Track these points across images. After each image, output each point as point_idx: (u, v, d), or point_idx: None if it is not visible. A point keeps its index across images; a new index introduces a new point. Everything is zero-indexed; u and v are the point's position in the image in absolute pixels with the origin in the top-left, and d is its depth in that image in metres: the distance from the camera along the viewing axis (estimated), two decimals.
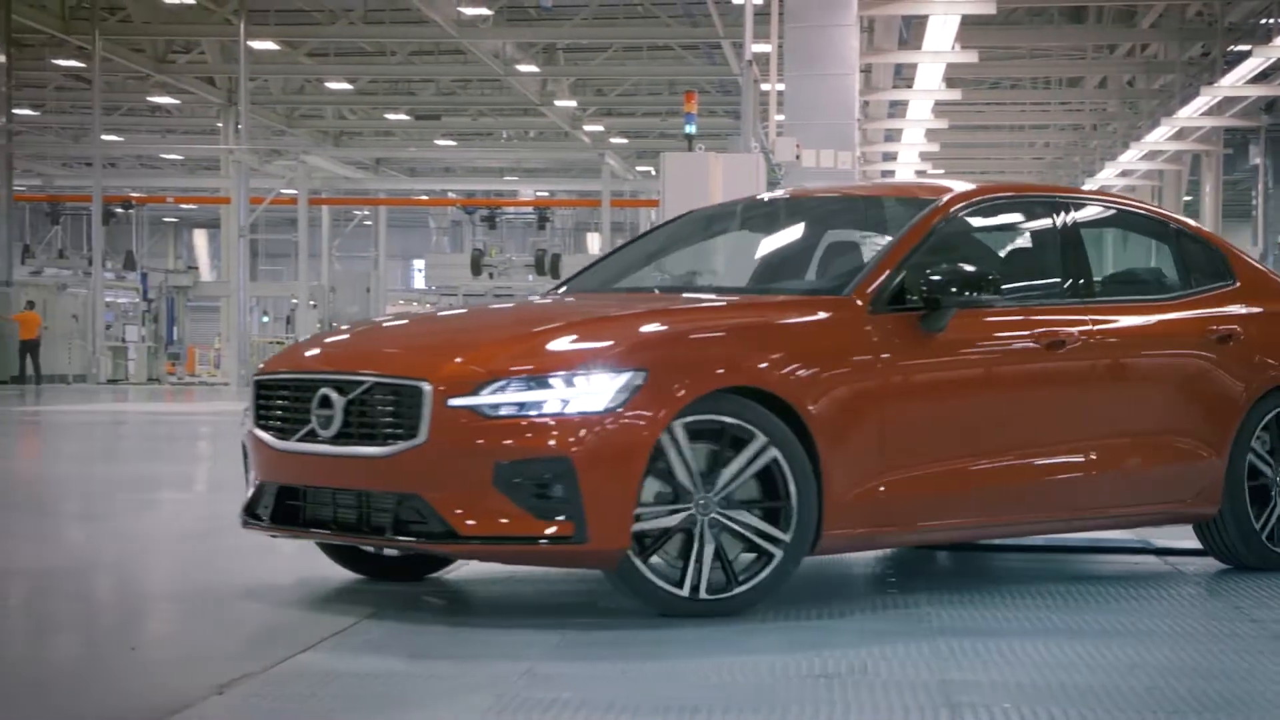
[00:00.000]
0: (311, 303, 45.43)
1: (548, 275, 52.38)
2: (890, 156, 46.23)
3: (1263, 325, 7.41)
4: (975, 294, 6.43)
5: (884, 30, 29.68)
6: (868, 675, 4.99)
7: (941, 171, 53.23)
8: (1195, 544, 7.45)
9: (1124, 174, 48.78)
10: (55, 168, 56.43)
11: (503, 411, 5.79)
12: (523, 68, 40.07)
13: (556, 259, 53.23)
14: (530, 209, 60.23)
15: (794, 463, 5.96)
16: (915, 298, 6.40)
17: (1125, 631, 5.76)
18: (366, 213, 61.58)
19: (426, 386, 5.79)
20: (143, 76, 41.51)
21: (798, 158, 18.06)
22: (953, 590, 6.71)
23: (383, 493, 5.84)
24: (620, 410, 5.77)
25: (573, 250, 61.69)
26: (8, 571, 7.23)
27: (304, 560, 7.08)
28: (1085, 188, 39.17)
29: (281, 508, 6.12)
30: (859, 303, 6.41)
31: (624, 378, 5.82)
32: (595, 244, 58.32)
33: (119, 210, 49.76)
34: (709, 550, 5.83)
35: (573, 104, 45.64)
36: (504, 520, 5.74)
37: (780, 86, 21.09)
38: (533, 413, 5.77)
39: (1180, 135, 39.66)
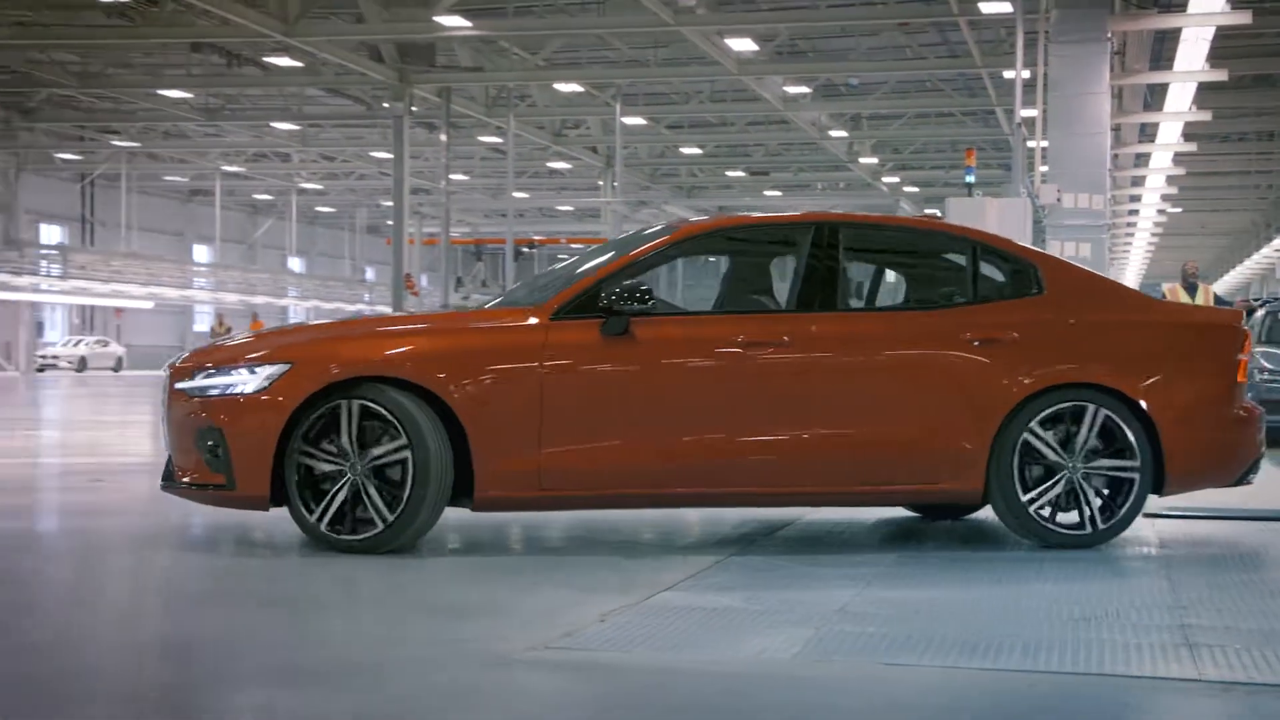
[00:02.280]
0: None
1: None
2: (1136, 198, 44.59)
3: (1045, 331, 6.54)
4: (641, 305, 6.23)
5: (1130, 96, 29.00)
6: (1119, 619, 4.78)
7: (1179, 209, 50.99)
8: None
9: None
10: (479, 218, 58.43)
11: (195, 393, 6.29)
12: (834, 133, 39.88)
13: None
14: None
15: (417, 444, 6.03)
16: (599, 308, 6.30)
17: None
18: None
19: (167, 373, 6.51)
20: (543, 147, 42.64)
21: (1059, 200, 17.59)
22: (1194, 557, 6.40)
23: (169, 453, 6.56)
24: (261, 393, 6.12)
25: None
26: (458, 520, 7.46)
27: (660, 514, 7.13)
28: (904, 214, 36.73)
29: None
30: (546, 313, 6.36)
31: (267, 370, 6.16)
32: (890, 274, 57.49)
33: (525, 249, 51.22)
34: (349, 500, 6.10)
35: (874, 160, 45.18)
36: (195, 473, 6.31)
37: (1044, 143, 20.70)
38: (212, 394, 6.23)
39: None
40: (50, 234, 52.24)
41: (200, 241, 58.63)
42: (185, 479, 6.35)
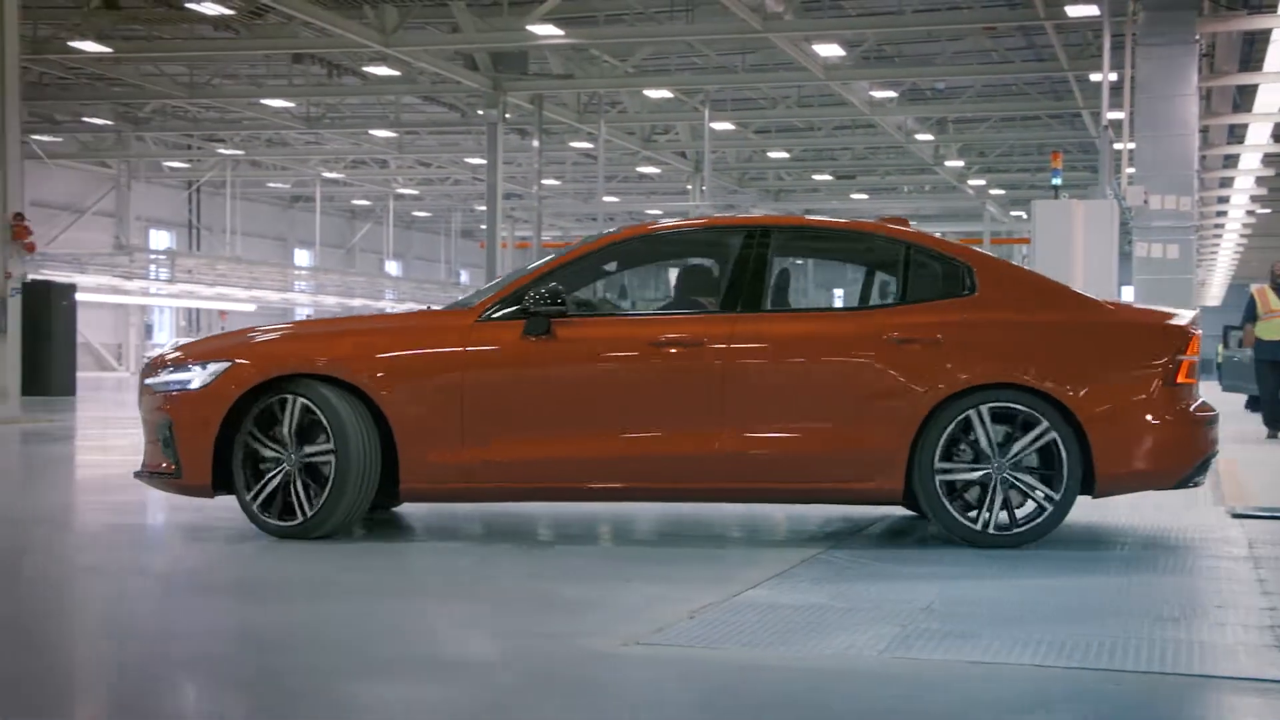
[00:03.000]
0: None
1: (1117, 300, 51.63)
2: (1224, 200, 43.73)
3: (970, 331, 6.39)
4: (558, 307, 6.38)
5: (1219, 97, 28.45)
6: (1208, 618, 4.72)
7: (1268, 210, 49.92)
8: None
9: None
10: (570, 222, 58.71)
11: (157, 388, 6.64)
12: (920, 136, 39.56)
13: None
14: None
15: (342, 435, 6.30)
16: (522, 310, 6.45)
17: None
18: None
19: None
20: (633, 153, 42.73)
21: (1146, 202, 17.30)
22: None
23: None
24: (205, 388, 6.48)
25: None
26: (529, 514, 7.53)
27: (751, 511, 7.13)
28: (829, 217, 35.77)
29: None
30: (474, 315, 6.55)
31: (212, 367, 6.51)
32: None
33: None
34: (293, 489, 6.39)
35: (960, 163, 44.74)
36: (153, 462, 6.68)
37: (1131, 146, 20.39)
38: (172, 389, 6.57)
39: None
40: (159, 239, 53.27)
41: (301, 246, 59.47)
42: (147, 468, 6.75)
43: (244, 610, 5.03)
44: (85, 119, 41.45)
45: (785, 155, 45.20)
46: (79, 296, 27.04)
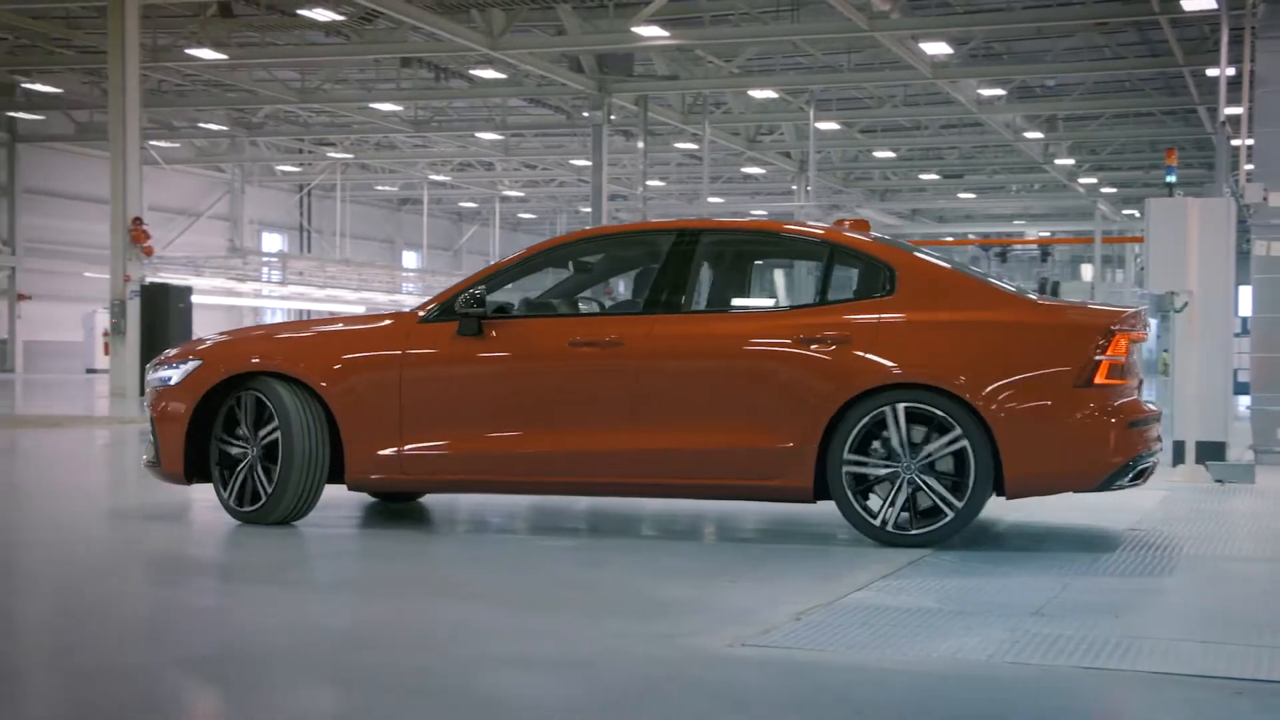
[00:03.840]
0: None
1: (1048, 298, 50.68)
2: None
3: (883, 331, 6.38)
4: (480, 309, 6.71)
5: None
6: None
7: None
8: None
9: None
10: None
11: (152, 384, 7.24)
12: (1029, 134, 39.01)
13: (1056, 285, 51.38)
14: (1035, 246, 58.37)
15: (288, 428, 6.79)
16: (455, 313, 6.80)
17: None
18: None
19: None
20: (738, 153, 42.67)
21: (1265, 199, 16.91)
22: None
23: None
24: (178, 385, 7.08)
25: (1070, 278, 59.43)
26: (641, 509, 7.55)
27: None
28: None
29: None
30: (414, 318, 6.97)
31: (185, 366, 7.10)
32: (1088, 273, 55.92)
33: None
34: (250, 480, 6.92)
35: (1070, 162, 44.04)
36: (147, 454, 7.27)
37: (1249, 142, 19.92)
38: (157, 385, 7.19)
39: None
40: (271, 242, 54.27)
41: (409, 248, 60.22)
42: (144, 458, 7.38)
43: (358, 608, 5.11)
44: (201, 125, 42.36)
45: (891, 154, 44.85)
46: (194, 298, 27.62)
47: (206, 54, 29.00)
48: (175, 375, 7.13)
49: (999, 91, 33.80)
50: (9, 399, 23.79)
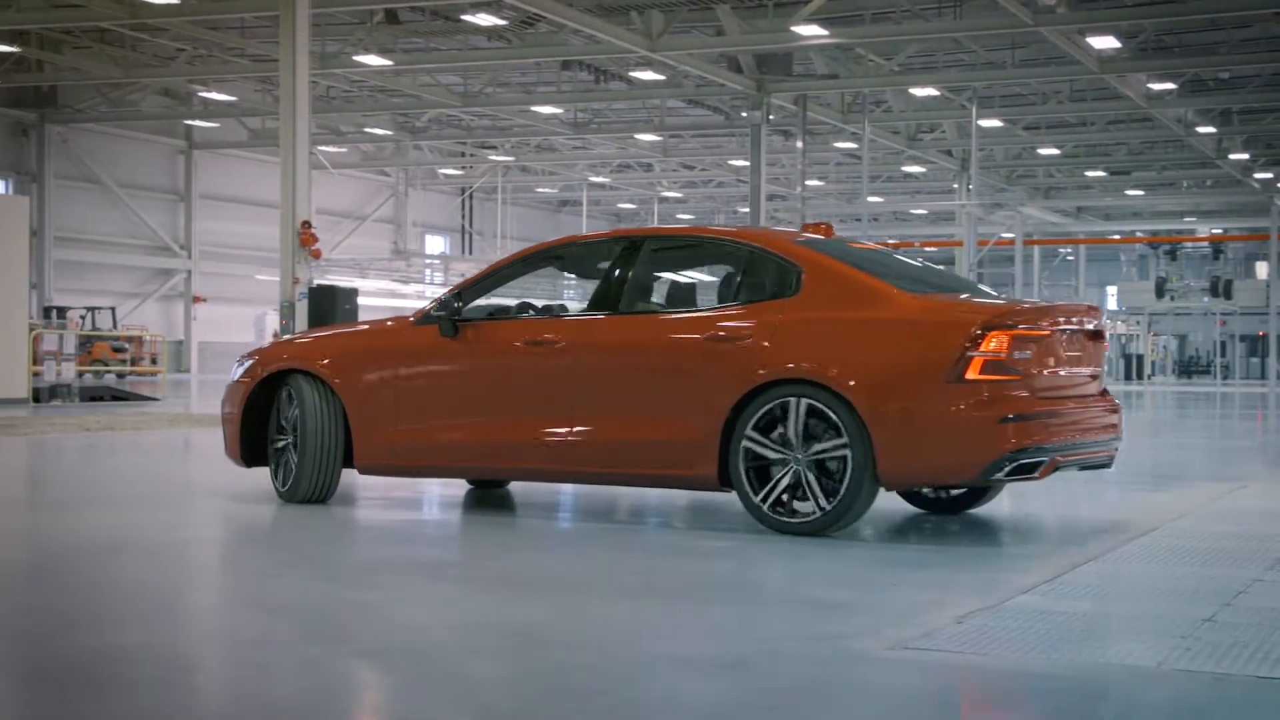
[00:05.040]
0: None
1: (1220, 297, 49.06)
2: None
3: (781, 329, 6.73)
4: (451, 313, 7.46)
5: None
6: None
7: None
8: None
9: None
10: (834, 223, 58.28)
11: (230, 380, 8.22)
12: (1201, 129, 37.83)
13: (1229, 284, 49.79)
14: (1206, 243, 56.62)
15: (305, 417, 7.70)
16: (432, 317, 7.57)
17: None
18: (1069, 250, 59.92)
19: None
20: (898, 151, 42.22)
21: None
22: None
23: None
24: (237, 382, 8.10)
25: (1243, 276, 57.52)
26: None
27: (1014, 517, 6.94)
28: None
29: None
30: (410, 321, 7.75)
31: (247, 364, 8.11)
32: (1263, 271, 54.12)
33: None
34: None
35: (1244, 156, 42.55)
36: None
37: None
38: (230, 381, 8.20)
39: None
40: (434, 244, 55.35)
41: None
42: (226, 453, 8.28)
43: (512, 607, 5.19)
44: (367, 129, 43.38)
45: (1056, 152, 43.93)
46: (360, 300, 28.28)
47: (373, 60, 29.70)
48: (237, 373, 8.14)
49: (1170, 85, 32.81)
50: (185, 398, 24.68)
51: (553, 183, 54.40)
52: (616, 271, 7.33)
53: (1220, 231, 55.62)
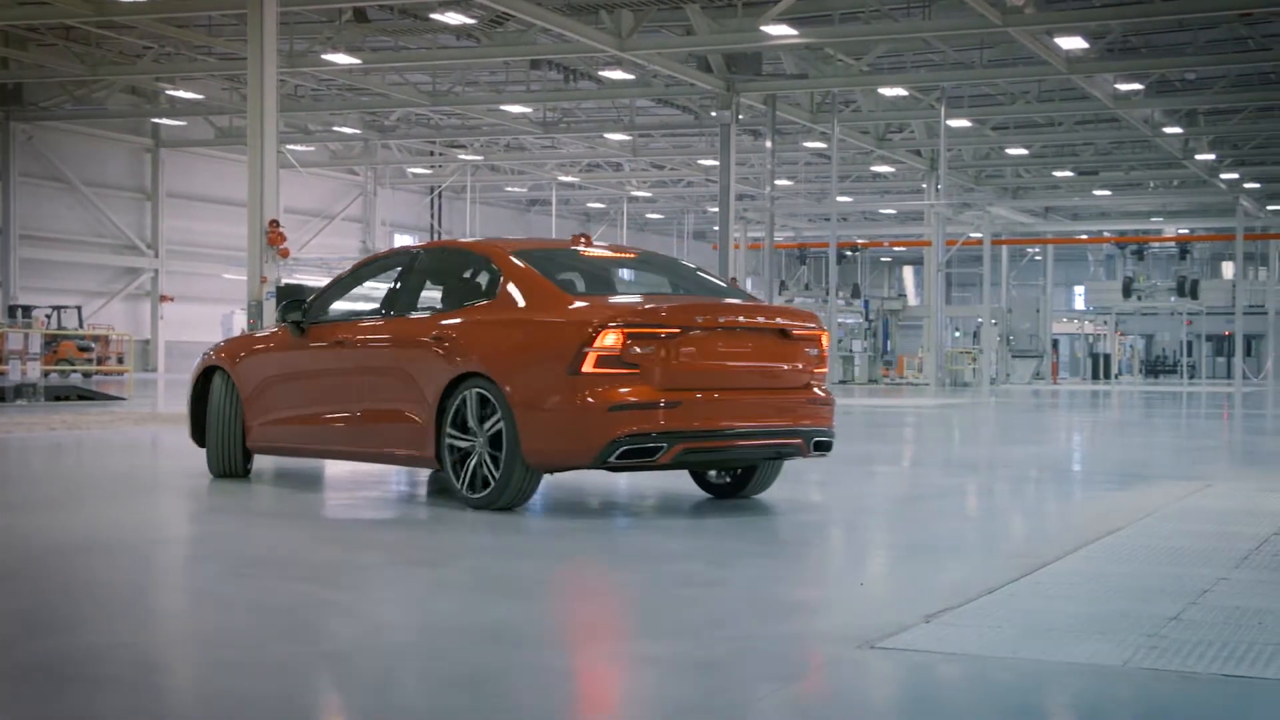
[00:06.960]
0: (993, 321, 44.87)
1: (1187, 297, 49.41)
2: None
3: (471, 330, 7.65)
4: (293, 315, 8.75)
5: None
6: None
7: None
8: None
9: None
10: (802, 222, 58.51)
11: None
12: (1168, 129, 38.09)
13: (1195, 284, 50.10)
14: (1173, 244, 56.95)
15: (210, 407, 9.23)
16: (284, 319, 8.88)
17: None
18: (1037, 250, 60.23)
19: None
20: (867, 152, 42.36)
21: None
22: None
23: None
24: (193, 373, 9.47)
25: (1209, 276, 57.94)
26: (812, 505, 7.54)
27: (989, 516, 6.95)
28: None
29: None
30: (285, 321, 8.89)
31: (201, 359, 9.49)
32: (1229, 271, 54.53)
33: (847, 253, 50.99)
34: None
35: (1211, 157, 42.89)
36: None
37: None
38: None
39: None
40: (402, 243, 55.19)
41: None
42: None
43: (500, 606, 5.17)
44: (335, 128, 43.22)
45: (1024, 152, 44.18)
46: None
47: (341, 58, 29.59)
48: (196, 365, 9.48)
49: (1136, 86, 33.05)
50: (151, 397, 24.53)
51: (522, 182, 54.33)
52: (398, 280, 8.42)
53: (1187, 232, 55.98)
